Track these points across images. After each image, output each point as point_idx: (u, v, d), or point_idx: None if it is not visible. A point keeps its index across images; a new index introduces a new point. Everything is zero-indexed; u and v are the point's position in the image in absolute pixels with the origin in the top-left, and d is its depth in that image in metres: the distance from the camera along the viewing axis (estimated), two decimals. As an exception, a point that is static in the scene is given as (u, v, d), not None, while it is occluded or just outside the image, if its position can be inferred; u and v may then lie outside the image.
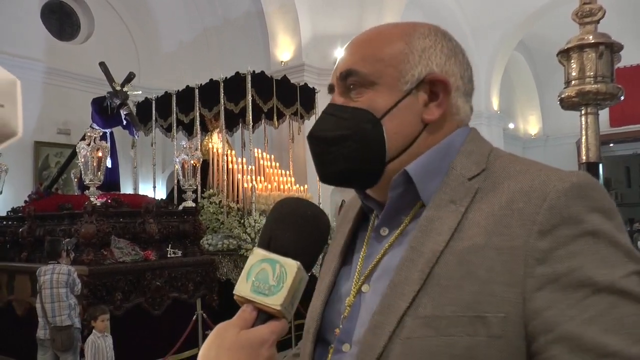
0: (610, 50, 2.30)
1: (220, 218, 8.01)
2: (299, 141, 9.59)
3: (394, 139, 0.84)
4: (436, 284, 0.73)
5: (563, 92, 2.43)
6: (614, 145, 17.58)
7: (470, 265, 0.72)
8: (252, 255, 0.73)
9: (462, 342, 0.69)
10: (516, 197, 0.73)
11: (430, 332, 0.71)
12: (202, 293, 6.39)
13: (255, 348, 0.68)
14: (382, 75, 0.84)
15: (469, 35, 13.40)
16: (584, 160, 2.37)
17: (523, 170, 0.77)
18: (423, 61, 0.84)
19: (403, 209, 0.85)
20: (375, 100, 0.84)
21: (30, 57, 9.68)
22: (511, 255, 0.70)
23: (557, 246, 0.68)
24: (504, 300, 0.69)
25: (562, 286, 0.67)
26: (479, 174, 0.80)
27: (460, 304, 0.70)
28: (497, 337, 0.69)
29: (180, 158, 7.35)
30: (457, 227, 0.76)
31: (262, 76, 8.34)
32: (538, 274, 0.68)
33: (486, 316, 0.69)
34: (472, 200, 0.77)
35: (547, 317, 0.67)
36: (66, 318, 4.80)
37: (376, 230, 0.88)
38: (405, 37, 0.86)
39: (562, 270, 0.67)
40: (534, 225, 0.70)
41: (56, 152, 10.15)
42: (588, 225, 0.69)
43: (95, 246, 5.59)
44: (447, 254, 0.74)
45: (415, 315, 0.73)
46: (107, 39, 11.17)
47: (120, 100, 7.69)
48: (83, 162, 5.96)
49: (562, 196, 0.70)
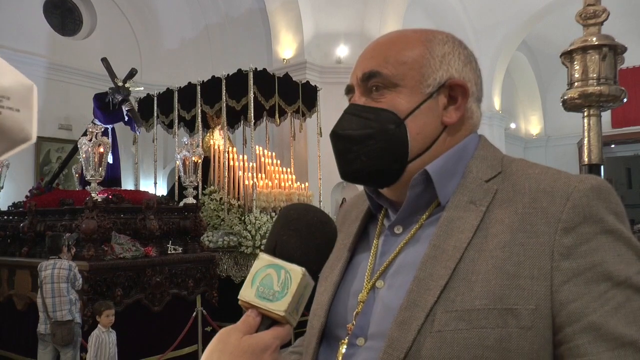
0: (613, 52, 2.30)
1: (221, 215, 8.02)
2: (301, 139, 9.60)
3: (417, 139, 0.87)
4: (463, 278, 0.76)
5: (566, 93, 2.43)
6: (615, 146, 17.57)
7: (497, 260, 0.75)
8: (257, 260, 0.73)
9: (493, 333, 0.72)
10: (539, 197, 0.78)
11: (463, 325, 0.73)
12: (202, 290, 6.40)
13: (257, 354, 0.69)
14: (404, 78, 0.87)
15: (472, 34, 13.38)
16: (586, 162, 2.37)
17: (542, 172, 0.83)
18: (444, 66, 0.89)
19: (419, 208, 0.88)
20: (398, 102, 0.87)
21: (33, 53, 9.69)
22: (537, 251, 0.74)
23: (580, 242, 0.74)
24: (533, 293, 0.73)
25: (585, 280, 0.72)
26: (495, 177, 0.85)
27: (490, 297, 0.74)
28: (527, 328, 0.72)
29: (182, 154, 7.34)
30: (479, 225, 0.79)
31: (264, 73, 8.33)
32: (564, 268, 0.73)
33: (517, 308, 0.72)
34: (492, 201, 0.81)
35: (573, 308, 0.72)
36: (67, 313, 4.80)
37: (390, 228, 0.90)
38: (427, 43, 0.90)
39: (585, 265, 0.73)
40: (559, 223, 0.75)
41: (57, 147, 10.15)
42: (607, 224, 0.75)
43: (96, 242, 5.60)
44: (471, 250, 0.78)
45: (445, 309, 0.75)
46: (109, 35, 11.17)
47: (122, 96, 7.69)
48: (84, 157, 5.96)
49: (584, 196, 0.76)
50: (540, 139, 18.75)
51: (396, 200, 0.92)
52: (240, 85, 8.14)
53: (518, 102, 18.56)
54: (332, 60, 10.53)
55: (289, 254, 0.72)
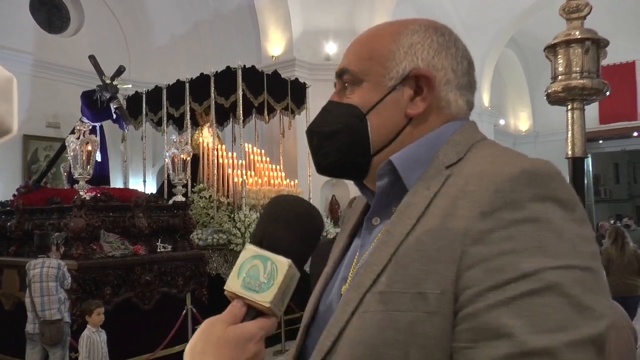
0: (596, 46, 2.32)
1: (210, 213, 8.00)
2: (290, 136, 9.59)
3: (378, 132, 0.88)
4: (397, 263, 0.76)
5: (550, 87, 2.45)
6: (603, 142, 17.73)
7: (423, 245, 0.74)
8: (244, 251, 0.74)
9: (405, 317, 0.71)
10: (470, 180, 0.75)
11: (381, 306, 0.74)
12: (192, 288, 6.39)
13: (241, 344, 0.68)
14: (369, 73, 0.89)
15: (461, 31, 13.41)
16: (570, 155, 2.40)
17: (486, 155, 0.80)
18: (408, 57, 0.87)
19: (394, 198, 0.87)
20: (363, 97, 0.88)
21: (19, 50, 9.60)
22: (455, 234, 0.71)
23: (495, 228, 0.69)
24: (443, 277, 0.70)
25: (489, 267, 0.67)
26: (457, 162, 0.82)
27: (408, 281, 0.73)
28: (432, 313, 0.70)
29: (171, 152, 7.33)
30: (425, 211, 0.78)
31: (252, 71, 8.31)
32: (472, 253, 0.69)
33: (426, 292, 0.71)
34: (442, 186, 0.79)
35: (468, 295, 0.68)
36: (55, 312, 4.78)
37: (368, 220, 0.91)
38: (395, 35, 0.90)
39: (493, 252, 0.68)
40: (478, 206, 0.71)
41: (45, 145, 10.08)
42: (532, 211, 0.69)
43: (85, 240, 5.57)
44: (410, 236, 0.77)
45: (374, 291, 0.76)
46: (97, 32, 11.09)
47: (110, 94, 7.65)
48: (72, 155, 5.93)
49: (509, 180, 0.71)
50: (529, 135, 18.85)
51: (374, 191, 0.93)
52: (229, 83, 8.12)
53: (507, 99, 18.65)
54: (321, 57, 10.52)
55: (276, 245, 0.73)
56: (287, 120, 9.26)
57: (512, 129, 18.99)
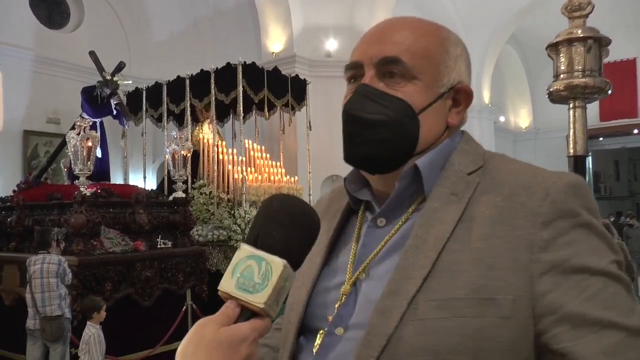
0: (598, 44, 2.31)
1: (210, 209, 8.00)
2: (290, 132, 9.59)
3: (427, 135, 0.89)
4: (445, 269, 0.77)
5: (552, 85, 2.44)
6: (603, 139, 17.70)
7: (477, 252, 0.77)
8: (238, 251, 0.72)
9: (473, 323, 0.74)
10: (518, 191, 0.81)
11: (444, 313, 0.75)
12: (192, 284, 6.39)
13: (234, 345, 0.67)
14: (423, 72, 0.88)
15: (461, 28, 13.38)
16: (572, 153, 2.39)
17: (521, 167, 0.86)
18: (457, 68, 0.91)
19: (404, 201, 0.88)
20: (415, 95, 0.87)
21: (19, 46, 9.58)
22: (516, 244, 0.77)
23: (557, 236, 0.76)
24: (512, 284, 0.75)
25: (562, 270, 0.75)
26: (477, 170, 0.87)
27: (471, 287, 0.75)
28: (507, 317, 0.74)
29: (171, 148, 7.31)
30: (461, 217, 0.81)
31: (253, 67, 8.30)
32: (543, 260, 0.75)
33: (497, 298, 0.75)
34: (474, 193, 0.83)
35: (551, 298, 0.74)
36: (56, 308, 4.78)
37: (373, 220, 0.90)
38: (445, 41, 0.91)
39: (562, 257, 0.75)
40: (538, 217, 0.77)
41: (45, 141, 10.07)
42: (581, 218, 0.78)
43: (85, 236, 5.57)
44: (453, 241, 0.79)
45: (427, 298, 0.76)
46: (97, 28, 11.06)
47: (111, 90, 7.62)
48: (73, 151, 5.91)
49: (562, 192, 0.79)
50: (530, 132, 18.83)
51: (381, 191, 0.92)
52: (229, 79, 8.11)
53: (507, 96, 18.62)
54: (321, 53, 10.50)
55: (271, 245, 0.71)
56: (288, 117, 9.24)
57: (512, 126, 18.97)
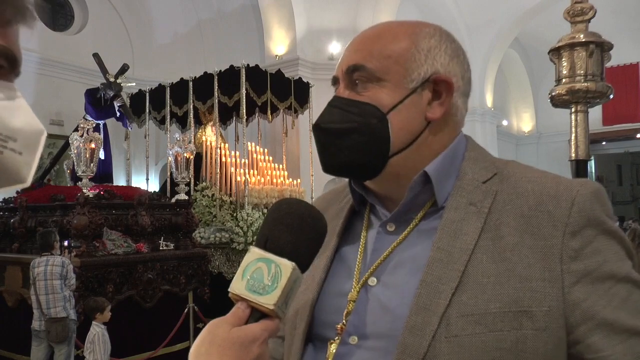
0: (600, 49, 2.33)
1: (212, 211, 8.01)
2: (293, 135, 9.59)
3: (399, 134, 0.86)
4: (474, 282, 0.77)
5: (554, 89, 2.45)
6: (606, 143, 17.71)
7: (507, 263, 0.77)
8: (248, 253, 0.74)
9: (510, 336, 0.74)
10: (544, 200, 0.81)
11: (480, 329, 0.74)
12: (194, 286, 6.40)
13: (245, 345, 0.68)
14: (389, 72, 0.86)
15: (464, 31, 13.40)
16: (573, 158, 2.40)
17: (542, 175, 0.85)
18: (429, 60, 0.87)
19: (414, 207, 0.88)
20: (381, 96, 0.86)
21: (23, 47, 9.29)
22: (546, 254, 0.77)
23: (585, 244, 0.78)
24: (545, 294, 0.75)
25: (592, 279, 0.76)
26: (491, 178, 0.86)
27: (505, 300, 0.75)
28: (542, 329, 0.74)
29: (174, 150, 7.33)
30: (483, 227, 0.81)
31: (256, 70, 8.32)
32: (573, 269, 0.76)
33: (531, 310, 0.75)
34: (493, 202, 0.83)
35: (585, 307, 0.76)
36: (61, 310, 4.79)
37: (383, 226, 0.90)
38: (413, 36, 0.88)
39: (591, 266, 0.77)
40: (566, 226, 0.78)
41: (49, 143, 10.08)
42: (605, 225, 0.79)
43: (88, 238, 5.58)
44: (479, 252, 0.79)
45: (460, 313, 0.76)
46: (101, 30, 11.10)
47: (114, 92, 7.66)
48: (76, 153, 5.94)
49: (588, 200, 0.80)
50: (532, 136, 18.83)
51: (383, 194, 0.92)
52: (233, 82, 8.13)
53: (510, 99, 18.62)
54: (324, 56, 10.52)
55: (280, 248, 0.73)
56: (291, 120, 9.26)
57: (515, 129, 18.96)
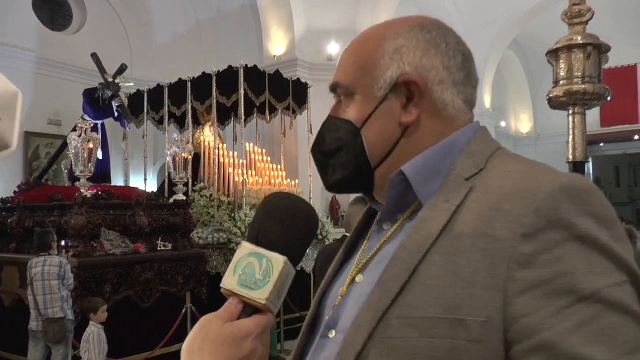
0: (597, 50, 2.33)
1: (210, 211, 8.00)
2: (291, 136, 9.59)
3: (375, 146, 0.84)
4: (421, 283, 0.72)
5: (551, 91, 2.46)
6: (603, 144, 17.71)
7: (455, 266, 0.70)
8: (239, 248, 0.74)
9: (443, 344, 0.68)
10: (504, 198, 0.71)
11: (414, 333, 0.70)
12: (192, 286, 6.39)
13: (238, 340, 0.68)
14: (358, 85, 0.85)
15: (463, 32, 13.11)
16: (571, 159, 2.41)
17: (516, 170, 0.75)
18: (394, 63, 0.83)
19: (403, 207, 0.86)
20: (357, 110, 0.85)
21: (22, 47, 9.60)
22: (495, 258, 0.68)
23: (542, 250, 0.65)
24: (486, 304, 0.67)
25: (544, 292, 0.64)
26: (476, 174, 0.78)
27: (443, 306, 0.69)
28: (476, 341, 0.67)
29: (172, 150, 7.33)
30: (446, 225, 0.74)
31: (254, 70, 8.32)
32: (519, 278, 0.66)
33: (466, 319, 0.67)
34: (464, 199, 0.75)
35: (526, 323, 0.65)
36: (58, 310, 4.78)
37: (379, 224, 0.90)
38: (378, 41, 0.85)
39: (545, 276, 0.65)
40: (520, 228, 0.67)
41: (47, 142, 10.08)
42: (577, 229, 0.66)
43: (85, 238, 5.58)
44: (434, 253, 0.73)
45: (399, 314, 0.72)
46: (99, 30, 11.09)
47: (112, 92, 7.66)
48: (74, 153, 5.94)
49: (550, 197, 0.67)
50: (530, 137, 18.84)
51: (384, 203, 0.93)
52: (231, 82, 8.12)
53: (508, 100, 18.64)
54: (323, 57, 10.52)
55: (271, 242, 0.72)
56: (289, 120, 9.26)
57: (513, 130, 18.99)
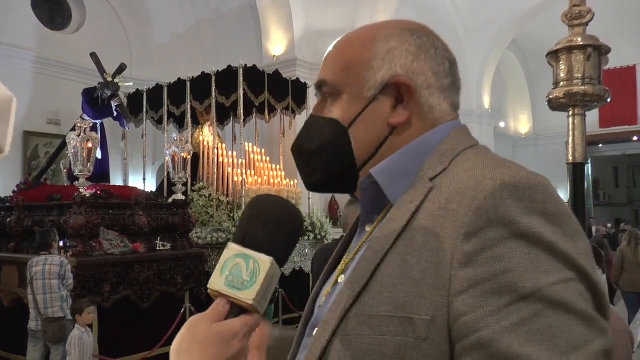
0: (598, 52, 2.34)
1: (209, 211, 8.01)
2: (290, 135, 9.59)
3: (361, 147, 0.85)
4: (378, 282, 0.74)
5: (551, 92, 2.47)
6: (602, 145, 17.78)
7: (407, 265, 0.72)
8: (226, 249, 0.74)
9: (393, 342, 0.70)
10: (452, 197, 0.72)
11: (367, 330, 0.73)
12: (191, 286, 6.39)
13: (226, 340, 0.69)
14: (347, 84, 0.86)
15: (462, 32, 13.44)
16: (570, 160, 2.42)
17: (469, 167, 0.75)
18: (386, 64, 0.84)
19: (378, 207, 0.86)
20: (344, 109, 0.86)
21: (21, 46, 9.60)
22: (441, 257, 0.69)
23: (482, 249, 0.66)
24: (432, 302, 0.68)
25: (483, 291, 0.65)
26: (440, 173, 0.79)
27: (394, 304, 0.71)
28: (422, 339, 0.68)
29: (171, 150, 7.33)
30: (405, 226, 0.75)
31: (253, 70, 8.32)
32: (460, 276, 0.66)
33: (412, 317, 0.69)
34: (424, 199, 0.76)
35: (465, 322, 0.65)
36: (58, 310, 4.78)
37: (361, 226, 0.91)
38: (369, 42, 0.86)
39: (485, 274, 0.65)
40: (462, 227, 0.68)
41: (45, 142, 10.08)
42: (519, 227, 0.65)
43: (84, 237, 5.58)
44: (392, 253, 0.75)
45: (357, 312, 0.75)
46: (98, 29, 11.09)
47: (111, 91, 7.66)
48: (73, 152, 5.93)
49: (490, 196, 0.68)
50: (529, 137, 18.89)
51: None
52: (230, 82, 8.13)
53: (507, 101, 18.68)
54: (322, 57, 10.37)
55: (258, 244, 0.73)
56: (288, 120, 9.27)
57: (512, 131, 19.02)
